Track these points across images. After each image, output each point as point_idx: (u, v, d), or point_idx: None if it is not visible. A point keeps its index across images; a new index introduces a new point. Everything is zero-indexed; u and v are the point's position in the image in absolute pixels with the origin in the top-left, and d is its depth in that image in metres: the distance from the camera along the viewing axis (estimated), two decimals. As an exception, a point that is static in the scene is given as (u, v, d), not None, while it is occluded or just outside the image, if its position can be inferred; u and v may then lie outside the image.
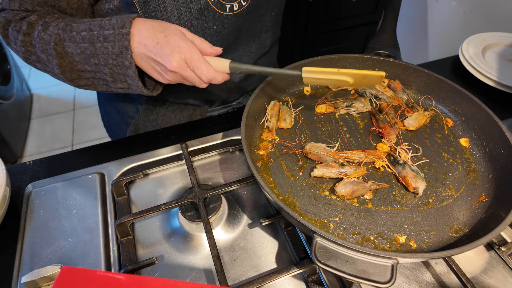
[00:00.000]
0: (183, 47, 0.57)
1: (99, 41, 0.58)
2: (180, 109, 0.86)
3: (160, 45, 0.57)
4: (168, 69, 0.57)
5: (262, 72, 0.63)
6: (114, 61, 0.59)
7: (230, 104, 0.91)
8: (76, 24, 0.60)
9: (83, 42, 0.59)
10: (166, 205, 0.60)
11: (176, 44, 0.57)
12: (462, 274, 0.53)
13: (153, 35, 0.57)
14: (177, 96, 0.83)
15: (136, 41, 0.58)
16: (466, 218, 0.56)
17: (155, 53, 0.57)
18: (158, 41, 0.57)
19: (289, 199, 0.59)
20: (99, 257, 0.57)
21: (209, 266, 0.57)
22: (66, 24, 0.60)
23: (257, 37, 0.82)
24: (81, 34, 0.59)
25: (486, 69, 0.89)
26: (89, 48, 0.59)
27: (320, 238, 0.46)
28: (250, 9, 0.72)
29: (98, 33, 0.58)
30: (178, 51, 0.57)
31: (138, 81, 0.61)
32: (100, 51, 0.59)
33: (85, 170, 0.69)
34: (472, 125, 0.68)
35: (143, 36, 0.57)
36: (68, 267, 0.41)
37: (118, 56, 0.58)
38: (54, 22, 0.60)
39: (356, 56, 0.77)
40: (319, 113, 0.73)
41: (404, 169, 0.61)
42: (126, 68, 0.59)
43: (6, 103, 2.02)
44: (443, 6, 1.48)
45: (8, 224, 0.61)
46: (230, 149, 0.73)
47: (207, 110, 0.88)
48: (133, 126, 0.88)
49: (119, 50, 0.58)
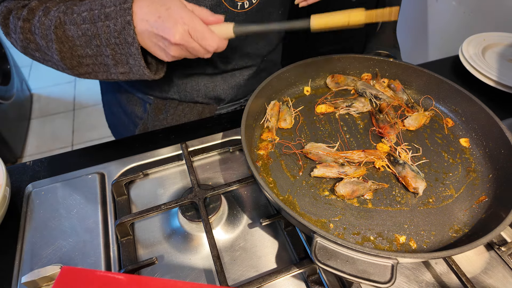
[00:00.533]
0: (185, 18, 0.56)
1: (101, 19, 0.57)
2: (189, 108, 0.85)
3: (161, 19, 0.56)
4: (172, 42, 0.56)
5: (268, 29, 0.62)
6: (117, 39, 0.58)
7: (238, 101, 0.91)
8: (77, 6, 0.59)
9: (84, 23, 0.58)
10: (166, 205, 0.60)
11: (178, 16, 0.56)
12: (462, 274, 0.53)
13: (154, 10, 0.57)
14: (186, 94, 0.83)
15: (138, 18, 0.57)
16: (466, 218, 0.56)
17: (157, 27, 0.56)
18: (160, 15, 0.56)
19: (289, 199, 0.59)
20: (99, 257, 0.57)
21: (209, 266, 0.57)
22: (67, 7, 0.60)
23: (265, 34, 0.82)
24: (82, 15, 0.58)
25: (486, 69, 0.89)
26: (91, 29, 0.58)
27: (320, 238, 0.46)
28: (260, 6, 0.72)
29: (99, 11, 0.57)
30: (181, 22, 0.56)
31: (141, 59, 0.59)
32: (102, 30, 0.58)
33: (85, 170, 0.69)
34: (472, 125, 0.68)
35: (144, 12, 0.57)
36: (68, 267, 0.41)
37: (121, 33, 0.57)
38: (55, 7, 0.60)
39: (356, 56, 0.78)
40: (319, 113, 0.73)
41: (404, 169, 0.61)
42: (129, 46, 0.58)
43: (6, 103, 2.02)
44: (443, 6, 1.48)
45: (8, 224, 0.61)
46: (230, 149, 0.73)
47: (216, 108, 0.88)
48: (142, 126, 0.87)
49: (122, 26, 0.57)
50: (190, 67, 0.78)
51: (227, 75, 0.82)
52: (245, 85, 0.87)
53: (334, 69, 0.79)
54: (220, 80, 0.82)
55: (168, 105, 0.84)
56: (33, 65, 2.84)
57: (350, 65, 0.79)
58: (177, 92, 0.81)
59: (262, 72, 0.89)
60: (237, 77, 0.84)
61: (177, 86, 0.80)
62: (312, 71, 0.77)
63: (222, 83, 0.82)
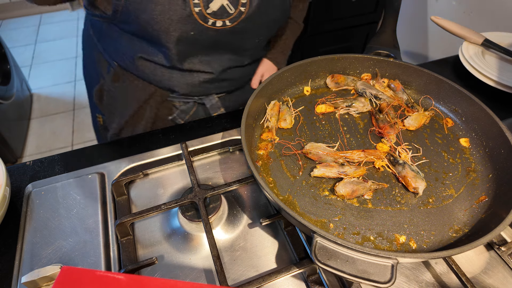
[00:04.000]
0: None
1: None
2: (143, 86, 0.88)
3: None
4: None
5: None
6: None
7: (191, 98, 0.93)
8: None
9: None
10: (166, 205, 0.60)
11: None
12: (462, 274, 0.53)
13: None
14: (143, 75, 0.86)
15: None
16: (466, 218, 0.56)
17: None
18: None
19: (289, 199, 0.59)
20: (99, 257, 0.57)
21: (209, 266, 0.57)
22: None
23: (234, 53, 0.85)
24: None
25: (486, 69, 0.89)
26: None
27: (320, 238, 0.46)
28: (233, 30, 0.75)
29: None
30: None
31: None
32: None
33: (85, 170, 0.69)
34: (472, 125, 0.68)
35: None
36: (68, 267, 0.41)
37: None
38: None
39: (356, 56, 0.78)
40: (319, 113, 0.73)
41: (404, 169, 0.61)
42: None
43: (6, 103, 2.02)
44: (443, 6, 1.48)
45: (8, 224, 0.61)
46: (230, 149, 0.73)
47: (168, 95, 0.90)
48: (99, 86, 0.92)
49: None
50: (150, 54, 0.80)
51: (184, 72, 0.84)
52: (200, 86, 0.89)
53: (334, 69, 0.79)
54: (177, 74, 0.85)
55: (125, 77, 0.87)
56: (33, 65, 2.84)
57: (350, 65, 0.79)
58: (136, 69, 0.85)
59: (223, 81, 0.91)
60: (194, 77, 0.86)
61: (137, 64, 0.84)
62: (312, 71, 0.77)
63: (178, 76, 0.85)
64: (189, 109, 0.94)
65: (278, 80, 0.73)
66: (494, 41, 0.96)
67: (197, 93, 0.92)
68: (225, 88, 0.94)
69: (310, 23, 1.81)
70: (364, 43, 2.08)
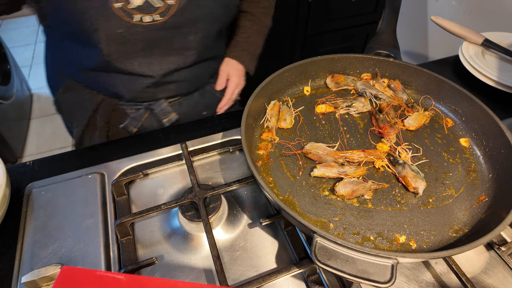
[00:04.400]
0: None
1: None
2: (90, 95, 0.87)
3: None
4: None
5: None
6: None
7: (140, 104, 0.90)
8: None
9: None
10: (166, 205, 0.60)
11: None
12: (462, 274, 0.53)
13: None
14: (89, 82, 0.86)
15: None
16: (466, 218, 0.56)
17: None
18: None
19: (289, 199, 0.59)
20: (99, 257, 0.57)
21: (209, 266, 0.57)
22: None
23: (176, 53, 0.81)
24: None
25: (486, 69, 0.89)
26: None
27: (320, 238, 0.46)
28: (165, 26, 0.72)
29: None
30: None
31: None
32: None
33: (85, 170, 0.69)
34: (472, 125, 0.68)
35: None
36: (68, 267, 0.41)
37: None
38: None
39: (356, 56, 0.78)
40: (319, 113, 0.73)
41: (404, 169, 0.61)
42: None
43: (6, 103, 2.02)
44: (443, 6, 1.48)
45: (8, 224, 0.61)
46: (230, 149, 0.73)
47: (117, 102, 0.89)
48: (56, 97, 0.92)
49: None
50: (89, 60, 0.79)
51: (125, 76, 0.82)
52: (145, 91, 0.86)
53: (334, 69, 0.79)
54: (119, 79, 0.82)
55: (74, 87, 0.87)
56: (33, 65, 2.84)
57: (350, 65, 0.79)
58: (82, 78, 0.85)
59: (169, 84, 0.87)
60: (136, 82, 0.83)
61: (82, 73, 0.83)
62: (312, 71, 0.77)
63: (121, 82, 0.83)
64: (140, 116, 0.90)
65: (278, 80, 0.73)
66: (494, 41, 0.96)
67: (145, 99, 0.89)
68: (174, 92, 0.90)
69: (310, 23, 1.81)
70: (364, 43, 2.07)
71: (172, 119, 0.91)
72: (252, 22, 0.98)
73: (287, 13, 1.72)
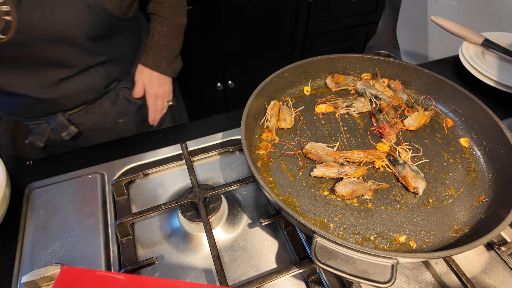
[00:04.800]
0: None
1: None
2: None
3: None
4: None
5: None
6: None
7: (39, 119, 0.86)
8: None
9: None
10: (166, 205, 0.60)
11: None
12: (462, 274, 0.53)
13: None
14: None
15: None
16: (466, 218, 0.56)
17: None
18: None
19: (289, 199, 0.59)
20: (99, 257, 0.57)
21: (209, 266, 0.57)
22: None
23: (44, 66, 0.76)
24: None
25: (486, 69, 0.89)
26: None
27: (320, 238, 0.46)
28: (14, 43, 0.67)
29: None
30: None
31: None
32: None
33: (85, 170, 0.69)
34: (472, 125, 0.68)
35: None
36: (68, 267, 0.41)
37: None
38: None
39: (356, 56, 0.78)
40: (319, 113, 0.73)
41: (404, 169, 0.61)
42: None
43: None
44: (443, 6, 1.48)
45: (8, 224, 0.61)
46: (230, 149, 0.73)
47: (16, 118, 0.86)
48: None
49: None
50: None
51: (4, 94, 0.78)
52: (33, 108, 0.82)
53: (334, 69, 0.79)
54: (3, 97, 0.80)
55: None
56: None
57: (350, 65, 0.79)
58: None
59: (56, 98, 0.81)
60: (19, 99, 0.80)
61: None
62: (312, 71, 0.77)
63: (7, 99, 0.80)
64: (43, 131, 0.86)
65: (278, 80, 0.73)
66: (494, 41, 0.96)
67: (40, 114, 0.84)
68: (68, 105, 0.85)
69: (310, 23, 1.81)
70: (364, 43, 2.07)
71: (72, 133, 0.87)
72: (161, 24, 0.92)
73: (287, 13, 1.72)
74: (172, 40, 0.95)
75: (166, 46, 0.94)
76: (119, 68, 0.91)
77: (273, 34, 1.79)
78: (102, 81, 0.88)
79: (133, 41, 0.95)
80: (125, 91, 0.94)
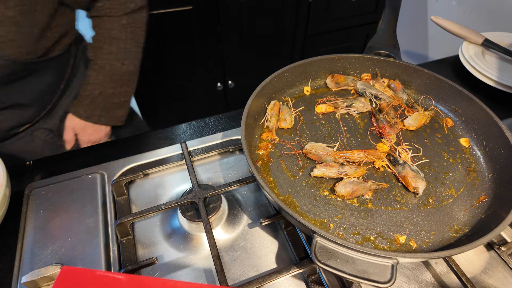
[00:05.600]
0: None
1: None
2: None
3: None
4: None
5: None
6: None
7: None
8: None
9: None
10: (166, 205, 0.60)
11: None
12: (462, 274, 0.53)
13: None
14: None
15: None
16: (466, 218, 0.56)
17: None
18: None
19: (289, 199, 0.59)
20: (99, 257, 0.57)
21: (209, 266, 0.57)
22: None
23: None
24: None
25: (486, 69, 0.89)
26: None
27: (320, 238, 0.46)
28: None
29: None
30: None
31: None
32: None
33: (85, 170, 0.69)
34: (472, 125, 0.68)
35: None
36: (68, 267, 0.41)
37: None
38: None
39: (356, 56, 0.78)
40: (319, 113, 0.73)
41: (404, 169, 0.61)
42: None
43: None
44: (443, 6, 1.48)
45: (8, 224, 0.61)
46: (230, 149, 0.73)
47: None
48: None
49: None
50: None
51: None
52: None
53: (334, 69, 0.79)
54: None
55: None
56: (33, 65, 2.83)
57: (350, 65, 0.79)
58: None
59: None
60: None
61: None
62: (312, 71, 0.77)
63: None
64: None
65: (278, 80, 0.73)
66: (494, 41, 0.96)
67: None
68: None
69: (310, 23, 1.81)
70: (364, 43, 2.07)
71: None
72: (97, 72, 0.84)
73: (287, 13, 1.72)
74: (112, 89, 0.86)
75: (102, 95, 0.86)
76: (31, 110, 0.83)
77: (273, 34, 1.79)
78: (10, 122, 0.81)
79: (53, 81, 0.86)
80: (43, 132, 0.87)
